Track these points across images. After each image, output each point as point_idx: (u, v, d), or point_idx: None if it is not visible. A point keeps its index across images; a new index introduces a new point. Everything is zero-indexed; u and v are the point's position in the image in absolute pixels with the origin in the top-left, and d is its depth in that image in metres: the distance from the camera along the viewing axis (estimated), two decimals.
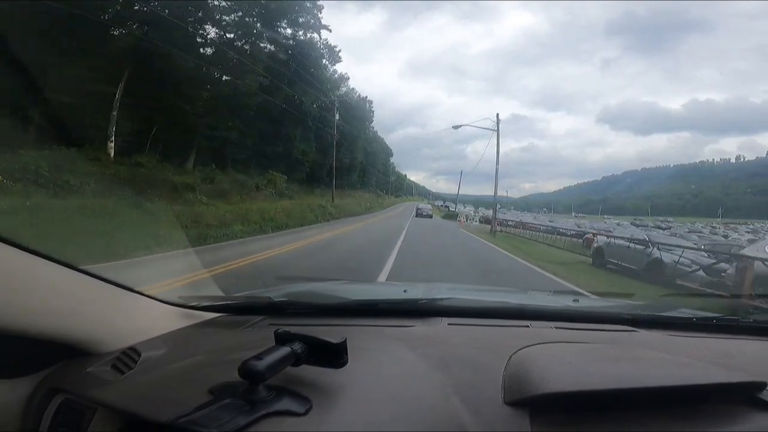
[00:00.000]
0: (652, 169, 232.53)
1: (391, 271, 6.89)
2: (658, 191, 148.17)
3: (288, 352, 0.66)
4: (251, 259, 7.32)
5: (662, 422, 0.67)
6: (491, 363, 0.82)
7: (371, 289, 2.21)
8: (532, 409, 0.67)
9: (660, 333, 1.18)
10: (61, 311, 0.79)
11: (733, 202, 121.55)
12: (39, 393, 0.80)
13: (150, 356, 0.86)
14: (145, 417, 0.65)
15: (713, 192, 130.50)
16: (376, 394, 0.70)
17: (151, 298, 1.04)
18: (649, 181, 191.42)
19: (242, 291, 1.59)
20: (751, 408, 0.72)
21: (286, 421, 0.60)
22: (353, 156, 37.18)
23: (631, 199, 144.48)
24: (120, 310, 0.94)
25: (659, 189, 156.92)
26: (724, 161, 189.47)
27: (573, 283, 7.35)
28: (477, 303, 1.49)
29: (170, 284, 4.28)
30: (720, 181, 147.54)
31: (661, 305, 1.70)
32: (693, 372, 0.79)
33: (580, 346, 0.98)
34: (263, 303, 1.30)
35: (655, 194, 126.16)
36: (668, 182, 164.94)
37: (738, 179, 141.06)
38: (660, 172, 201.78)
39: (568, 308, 1.48)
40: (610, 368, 0.80)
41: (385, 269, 7.02)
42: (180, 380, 0.76)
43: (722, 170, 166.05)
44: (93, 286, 0.88)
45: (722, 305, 2.86)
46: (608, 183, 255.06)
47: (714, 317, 1.29)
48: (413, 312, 1.23)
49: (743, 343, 1.16)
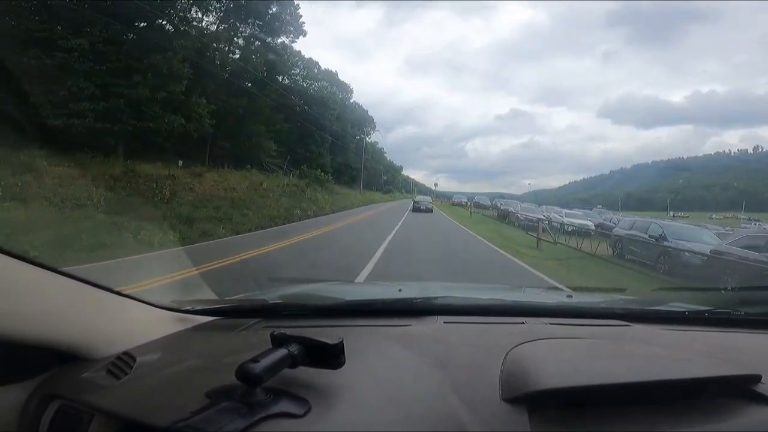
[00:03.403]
0: (663, 161, 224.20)
1: None
2: (677, 184, 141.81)
3: (285, 354, 0.66)
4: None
5: (657, 416, 0.68)
6: (488, 360, 0.82)
7: (366, 290, 2.21)
8: (530, 405, 0.67)
9: (653, 327, 1.20)
10: (52, 316, 0.78)
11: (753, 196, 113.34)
12: (34, 400, 0.79)
13: (145, 361, 0.85)
14: (143, 422, 0.65)
15: (743, 184, 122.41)
16: (374, 394, 0.70)
17: (144, 303, 1.03)
18: (662, 175, 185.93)
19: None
20: (746, 401, 0.73)
21: (285, 424, 0.60)
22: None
23: (655, 192, 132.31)
24: (113, 315, 0.93)
25: (678, 182, 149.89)
26: (742, 152, 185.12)
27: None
28: (472, 301, 1.50)
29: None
30: (740, 173, 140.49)
31: (653, 299, 1.73)
32: (687, 366, 0.80)
33: (576, 342, 0.99)
34: (258, 305, 1.30)
35: (680, 187, 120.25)
36: (686, 175, 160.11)
37: (759, 170, 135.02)
38: (669, 165, 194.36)
39: (562, 304, 1.49)
40: (605, 364, 0.81)
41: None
42: (177, 385, 0.76)
43: (741, 161, 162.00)
44: (85, 291, 0.87)
45: (714, 298, 2.91)
46: (615, 177, 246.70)
47: (706, 310, 1.31)
48: (409, 311, 1.23)
49: (736, 335, 1.18)
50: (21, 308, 0.72)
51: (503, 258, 9.25)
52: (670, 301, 1.56)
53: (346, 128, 38.95)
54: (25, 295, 0.73)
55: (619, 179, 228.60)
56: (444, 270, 6.89)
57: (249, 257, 6.93)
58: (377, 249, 8.51)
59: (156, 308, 1.06)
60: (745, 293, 4.15)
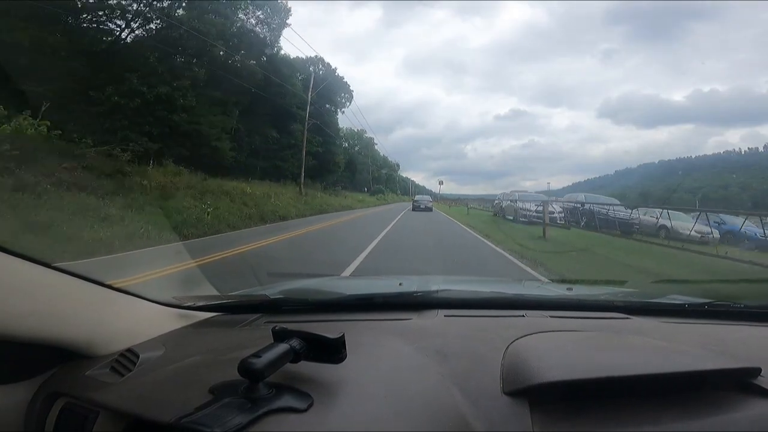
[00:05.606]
0: (672, 161, 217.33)
1: None
2: (692, 184, 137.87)
3: (286, 349, 0.67)
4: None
5: (657, 409, 0.69)
6: (489, 354, 0.83)
7: (367, 284, 2.22)
8: (531, 398, 0.68)
9: (653, 320, 1.20)
10: (54, 314, 0.79)
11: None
12: (40, 398, 0.80)
13: (148, 358, 0.86)
14: (148, 418, 0.65)
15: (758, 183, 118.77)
16: (376, 388, 0.70)
17: (146, 300, 1.03)
18: (671, 174, 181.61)
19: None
20: (745, 394, 0.73)
21: (288, 418, 0.61)
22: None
23: (671, 192, 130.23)
24: (114, 313, 0.93)
25: (692, 182, 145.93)
26: (752, 150, 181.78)
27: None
28: (472, 294, 1.50)
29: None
30: (755, 171, 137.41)
31: (653, 292, 1.73)
32: (687, 359, 0.80)
33: (576, 335, 0.99)
34: (259, 301, 1.30)
35: (697, 186, 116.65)
36: (698, 174, 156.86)
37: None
38: (678, 164, 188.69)
39: (562, 297, 1.50)
40: (606, 356, 0.82)
41: None
42: (180, 381, 0.76)
43: (755, 160, 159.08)
44: (86, 289, 0.87)
45: (714, 290, 2.91)
46: (622, 177, 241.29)
47: (706, 303, 1.31)
48: (409, 305, 1.23)
49: (736, 328, 1.18)
50: (23, 306, 0.72)
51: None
52: (670, 293, 1.56)
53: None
54: (27, 292, 0.73)
55: (627, 179, 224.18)
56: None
57: None
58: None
59: (157, 305, 1.07)
60: (744, 285, 4.17)
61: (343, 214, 19.67)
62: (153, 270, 4.94)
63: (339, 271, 5.37)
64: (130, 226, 7.72)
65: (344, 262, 6.19)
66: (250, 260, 6.47)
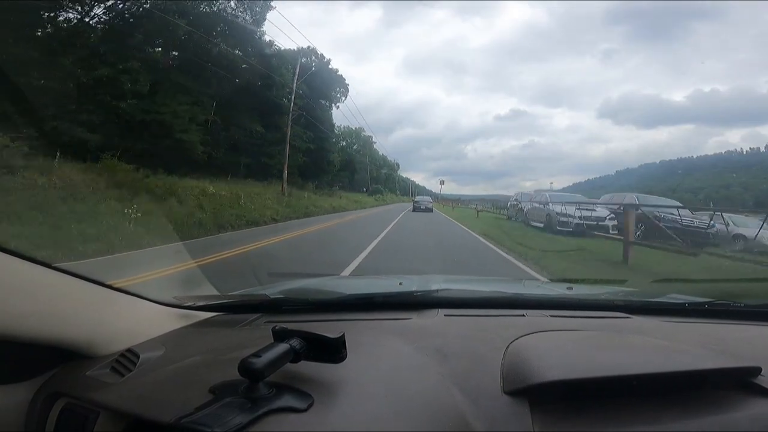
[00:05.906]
0: (673, 161, 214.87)
1: None
2: (694, 184, 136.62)
3: (287, 349, 0.67)
4: None
5: (657, 408, 0.69)
6: (489, 353, 0.83)
7: (366, 283, 2.22)
8: (531, 397, 0.68)
9: (653, 319, 1.20)
10: (54, 314, 0.79)
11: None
12: (40, 398, 0.80)
13: (149, 358, 0.86)
14: (148, 418, 0.65)
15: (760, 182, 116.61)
16: (376, 387, 0.70)
17: (146, 300, 1.03)
18: (672, 174, 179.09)
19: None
20: (745, 393, 0.73)
21: (288, 418, 0.61)
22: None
23: (673, 192, 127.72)
24: (115, 313, 0.93)
25: (694, 182, 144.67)
26: (754, 150, 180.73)
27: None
28: (472, 293, 1.50)
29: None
30: (758, 171, 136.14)
31: (654, 291, 1.73)
32: (688, 358, 0.80)
33: (577, 334, 0.99)
34: (259, 301, 1.30)
35: (699, 186, 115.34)
36: (699, 173, 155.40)
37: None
38: (679, 164, 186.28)
39: (562, 296, 1.49)
40: (606, 355, 0.82)
41: None
42: (180, 381, 0.76)
43: (757, 160, 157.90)
44: (86, 289, 0.87)
45: (714, 289, 2.91)
46: (623, 177, 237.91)
47: (706, 302, 1.31)
48: (409, 304, 1.23)
49: (736, 327, 1.17)
50: (24, 306, 0.72)
51: None
52: (670, 292, 1.56)
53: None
54: (28, 293, 0.73)
55: (627, 179, 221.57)
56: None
57: None
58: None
59: (158, 305, 1.07)
60: (745, 285, 4.16)
61: (329, 218, 16.14)
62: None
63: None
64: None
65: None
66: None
